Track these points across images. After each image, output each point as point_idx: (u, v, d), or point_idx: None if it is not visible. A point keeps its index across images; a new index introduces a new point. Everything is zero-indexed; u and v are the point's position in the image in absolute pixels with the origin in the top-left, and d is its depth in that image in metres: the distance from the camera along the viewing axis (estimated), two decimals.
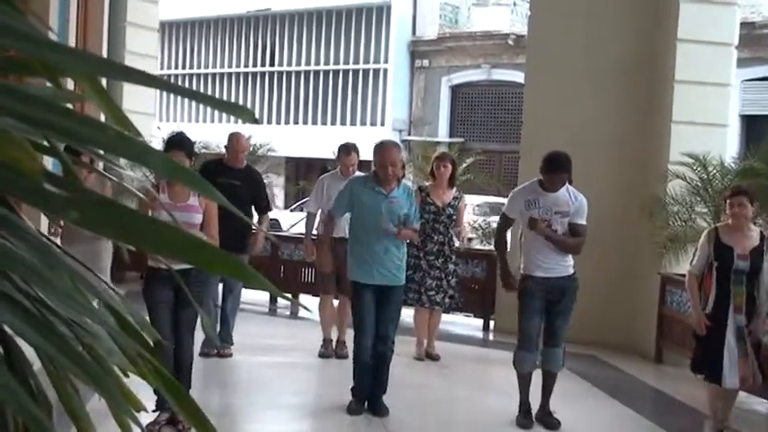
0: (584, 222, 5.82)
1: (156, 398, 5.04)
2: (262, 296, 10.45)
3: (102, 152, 0.91)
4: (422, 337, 7.84)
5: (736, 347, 5.68)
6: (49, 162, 1.65)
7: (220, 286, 7.49)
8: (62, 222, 3.64)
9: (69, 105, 1.00)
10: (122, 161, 1.00)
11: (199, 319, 6.74)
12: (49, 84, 1.04)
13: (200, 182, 0.89)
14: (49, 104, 0.86)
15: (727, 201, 5.86)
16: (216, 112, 32.76)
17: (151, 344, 1.12)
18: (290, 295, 1.15)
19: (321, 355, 7.54)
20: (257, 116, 0.95)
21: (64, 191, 0.83)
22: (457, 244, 7.98)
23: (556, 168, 5.64)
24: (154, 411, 5.05)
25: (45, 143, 0.98)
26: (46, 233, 4.19)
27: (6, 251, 0.89)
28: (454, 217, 7.60)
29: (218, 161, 7.45)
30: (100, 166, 3.44)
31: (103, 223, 0.86)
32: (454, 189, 7.70)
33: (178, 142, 5.32)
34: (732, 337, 5.68)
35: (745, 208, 5.68)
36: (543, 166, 5.70)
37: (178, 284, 4.97)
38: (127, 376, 1.38)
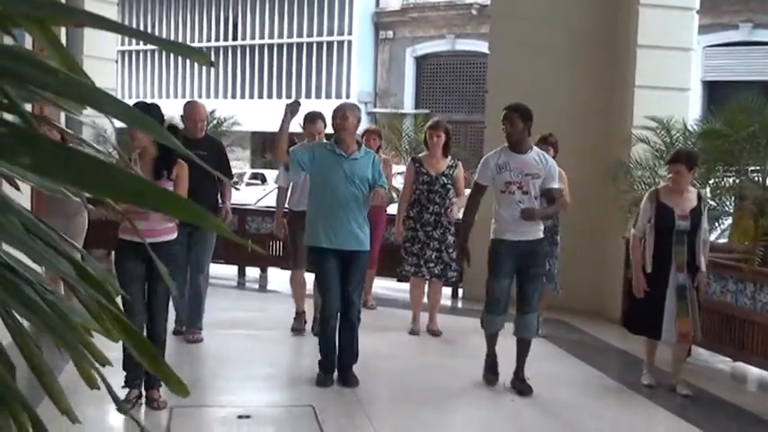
0: (557, 186, 5.97)
1: (124, 374, 5.04)
2: (230, 270, 10.41)
3: (53, 96, 0.89)
4: (417, 312, 7.75)
5: (675, 305, 5.91)
6: None
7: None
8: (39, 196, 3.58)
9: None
10: (86, 136, 0.99)
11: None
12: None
13: (155, 126, 0.87)
14: None
15: (668, 165, 6.16)
16: (180, 88, 32.40)
17: (114, 296, 1.11)
18: (249, 242, 1.13)
19: (294, 330, 7.46)
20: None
21: (16, 136, 0.81)
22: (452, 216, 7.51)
23: (513, 110, 5.78)
24: (123, 388, 5.01)
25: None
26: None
27: None
28: (449, 186, 7.42)
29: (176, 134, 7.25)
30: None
31: (58, 168, 0.82)
32: (449, 158, 7.52)
33: (144, 108, 4.99)
34: (673, 295, 5.92)
35: (680, 175, 5.93)
36: (504, 114, 5.82)
37: (150, 258, 4.87)
38: (91, 336, 1.37)
